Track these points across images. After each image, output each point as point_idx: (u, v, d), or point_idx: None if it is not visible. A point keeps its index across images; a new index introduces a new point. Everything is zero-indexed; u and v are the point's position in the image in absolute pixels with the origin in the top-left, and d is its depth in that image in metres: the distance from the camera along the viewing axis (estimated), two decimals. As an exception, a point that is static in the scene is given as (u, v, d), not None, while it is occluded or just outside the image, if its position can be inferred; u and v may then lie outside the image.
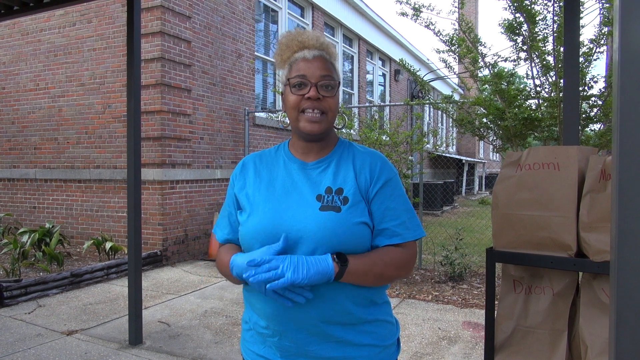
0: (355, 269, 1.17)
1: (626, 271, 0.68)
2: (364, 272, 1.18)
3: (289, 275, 1.09)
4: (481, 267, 6.15)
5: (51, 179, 7.41)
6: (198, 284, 5.51)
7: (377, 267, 1.20)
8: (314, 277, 1.11)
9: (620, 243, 0.68)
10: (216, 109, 7.38)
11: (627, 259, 0.68)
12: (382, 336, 1.29)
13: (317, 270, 1.12)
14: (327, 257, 1.15)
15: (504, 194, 1.74)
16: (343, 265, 1.15)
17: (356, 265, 1.17)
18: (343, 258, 1.16)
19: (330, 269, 1.13)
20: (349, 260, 1.16)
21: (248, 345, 1.34)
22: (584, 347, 1.58)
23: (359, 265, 1.17)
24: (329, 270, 1.13)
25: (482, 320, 4.20)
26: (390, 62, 15.49)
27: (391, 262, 1.22)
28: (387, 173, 1.30)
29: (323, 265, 1.13)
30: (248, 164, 1.39)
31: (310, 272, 1.11)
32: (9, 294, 4.64)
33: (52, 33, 7.30)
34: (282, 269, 1.10)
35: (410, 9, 5.55)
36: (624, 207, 0.67)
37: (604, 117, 4.98)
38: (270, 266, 1.11)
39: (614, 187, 0.70)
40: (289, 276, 1.09)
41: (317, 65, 1.26)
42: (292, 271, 1.10)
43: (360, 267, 1.17)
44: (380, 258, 1.21)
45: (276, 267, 1.10)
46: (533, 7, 4.79)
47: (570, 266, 1.60)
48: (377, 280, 1.23)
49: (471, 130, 5.94)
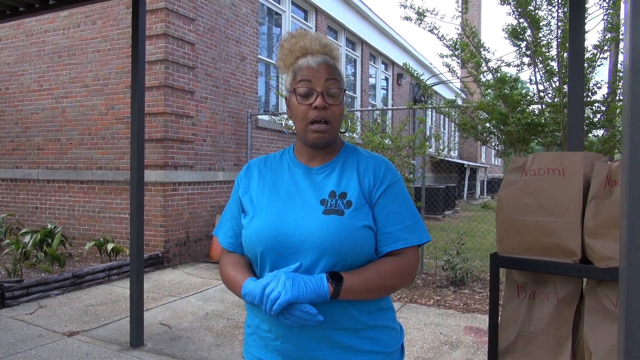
0: (351, 287, 1.15)
1: (636, 277, 0.67)
2: (360, 289, 1.17)
3: (283, 294, 1.07)
4: (483, 271, 6.14)
5: (54, 180, 7.42)
6: (199, 286, 5.50)
7: (374, 282, 1.19)
8: (310, 296, 1.09)
9: (630, 250, 0.67)
10: (219, 112, 7.39)
11: (637, 265, 0.68)
12: (386, 343, 1.28)
13: (311, 289, 1.10)
14: (321, 276, 1.13)
15: (509, 199, 1.74)
16: (337, 284, 1.13)
17: (351, 284, 1.15)
18: (337, 277, 1.14)
19: (325, 289, 1.11)
20: (343, 279, 1.14)
21: (250, 350, 1.33)
22: (588, 353, 1.57)
23: (355, 284, 1.16)
24: (324, 290, 1.11)
25: (484, 326, 4.18)
26: (393, 66, 15.51)
27: (389, 274, 1.21)
28: (391, 177, 1.29)
29: (317, 283, 1.11)
30: (253, 167, 1.38)
31: (307, 290, 1.09)
32: (10, 294, 4.64)
33: (56, 34, 7.32)
34: (277, 291, 1.08)
35: (414, 13, 5.56)
36: (634, 214, 0.67)
37: (607, 123, 4.98)
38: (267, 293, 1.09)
39: (624, 193, 0.70)
40: (284, 295, 1.07)
41: (322, 72, 1.25)
42: (286, 289, 1.08)
43: (355, 285, 1.16)
44: (377, 272, 1.20)
45: (272, 291, 1.08)
46: (537, 12, 4.79)
47: (574, 272, 1.59)
48: (377, 293, 1.22)
49: (474, 135, 5.94)
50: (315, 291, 1.10)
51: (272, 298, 1.07)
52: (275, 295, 1.07)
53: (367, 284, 1.18)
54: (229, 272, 1.28)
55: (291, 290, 1.07)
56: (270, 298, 1.07)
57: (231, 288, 1.27)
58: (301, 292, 1.08)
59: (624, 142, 0.70)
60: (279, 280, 1.09)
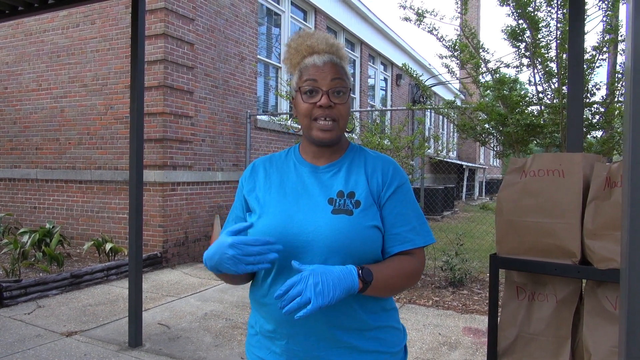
0: (377, 285, 1.14)
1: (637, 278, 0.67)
2: (383, 288, 1.17)
3: (314, 300, 1.03)
4: (481, 272, 6.14)
5: (52, 180, 7.41)
6: (198, 287, 5.50)
7: (394, 280, 1.20)
8: (341, 296, 1.07)
9: (632, 250, 0.67)
10: (218, 112, 7.38)
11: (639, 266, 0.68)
12: (390, 343, 1.28)
13: (343, 288, 1.07)
14: (352, 272, 1.09)
15: (508, 200, 1.74)
16: (366, 283, 1.12)
17: (377, 281, 1.14)
18: (367, 274, 1.12)
19: (355, 286, 1.10)
20: (373, 277, 1.13)
21: (254, 350, 1.33)
22: (587, 355, 1.57)
23: (380, 282, 1.15)
24: (354, 288, 1.09)
25: (483, 326, 4.18)
26: (392, 67, 15.51)
27: (405, 274, 1.22)
28: (399, 178, 1.29)
29: (349, 282, 1.08)
30: (258, 166, 1.38)
31: (337, 293, 1.06)
32: (8, 294, 4.63)
33: (55, 34, 7.31)
34: (306, 295, 1.03)
35: (414, 14, 5.57)
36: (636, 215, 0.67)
37: (606, 125, 4.99)
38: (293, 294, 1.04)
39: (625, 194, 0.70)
40: (315, 302, 1.03)
41: (328, 71, 1.24)
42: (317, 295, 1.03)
43: (380, 284, 1.15)
44: (398, 270, 1.20)
45: (299, 293, 1.04)
46: (536, 14, 4.80)
47: (574, 273, 1.59)
48: (392, 292, 1.23)
49: (473, 136, 5.95)
50: (346, 289, 1.07)
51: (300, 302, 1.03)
52: (304, 300, 1.03)
53: (388, 282, 1.18)
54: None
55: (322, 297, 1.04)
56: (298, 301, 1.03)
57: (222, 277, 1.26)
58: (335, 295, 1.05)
59: (625, 143, 0.70)
60: (307, 283, 1.04)
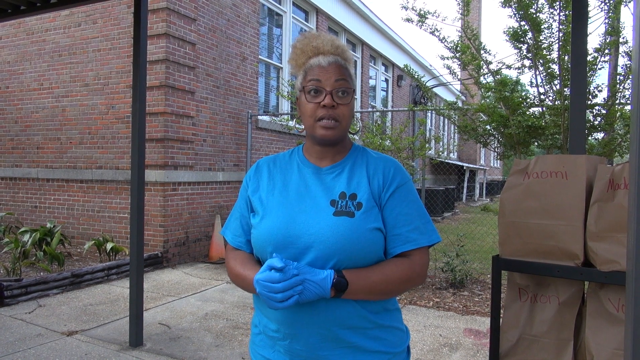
0: (356, 291, 1.17)
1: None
2: (367, 293, 1.19)
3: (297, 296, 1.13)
4: (482, 274, 6.13)
5: (53, 179, 7.41)
6: (199, 287, 5.49)
7: (378, 286, 1.20)
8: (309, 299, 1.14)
9: (638, 252, 0.67)
10: (219, 112, 7.39)
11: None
12: (393, 343, 1.28)
13: (315, 294, 1.13)
14: (327, 281, 1.14)
15: (511, 201, 1.73)
16: (338, 292, 1.16)
17: (357, 288, 1.17)
18: (341, 283, 1.15)
19: (327, 294, 1.15)
20: (348, 285, 1.16)
21: (257, 350, 1.33)
22: (589, 357, 1.57)
23: (361, 288, 1.18)
24: (325, 295, 1.15)
25: (484, 328, 4.18)
26: (393, 68, 15.52)
27: (395, 279, 1.21)
28: (400, 178, 1.29)
29: (318, 290, 1.14)
30: (262, 167, 1.38)
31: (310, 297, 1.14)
32: (9, 293, 4.63)
33: (57, 33, 7.32)
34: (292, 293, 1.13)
35: (416, 15, 5.57)
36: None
37: (607, 126, 4.99)
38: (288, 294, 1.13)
39: (632, 197, 0.69)
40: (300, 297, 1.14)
41: (333, 72, 1.25)
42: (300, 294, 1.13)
43: (362, 290, 1.18)
44: (383, 276, 1.20)
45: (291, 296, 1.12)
46: (538, 15, 4.79)
47: (577, 275, 1.59)
48: (382, 296, 1.23)
49: (474, 137, 5.95)
50: (316, 295, 1.14)
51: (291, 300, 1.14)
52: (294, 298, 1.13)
53: (374, 288, 1.19)
54: (239, 270, 1.28)
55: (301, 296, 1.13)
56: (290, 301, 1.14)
57: (242, 285, 1.28)
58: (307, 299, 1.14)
59: (631, 144, 0.70)
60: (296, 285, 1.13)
